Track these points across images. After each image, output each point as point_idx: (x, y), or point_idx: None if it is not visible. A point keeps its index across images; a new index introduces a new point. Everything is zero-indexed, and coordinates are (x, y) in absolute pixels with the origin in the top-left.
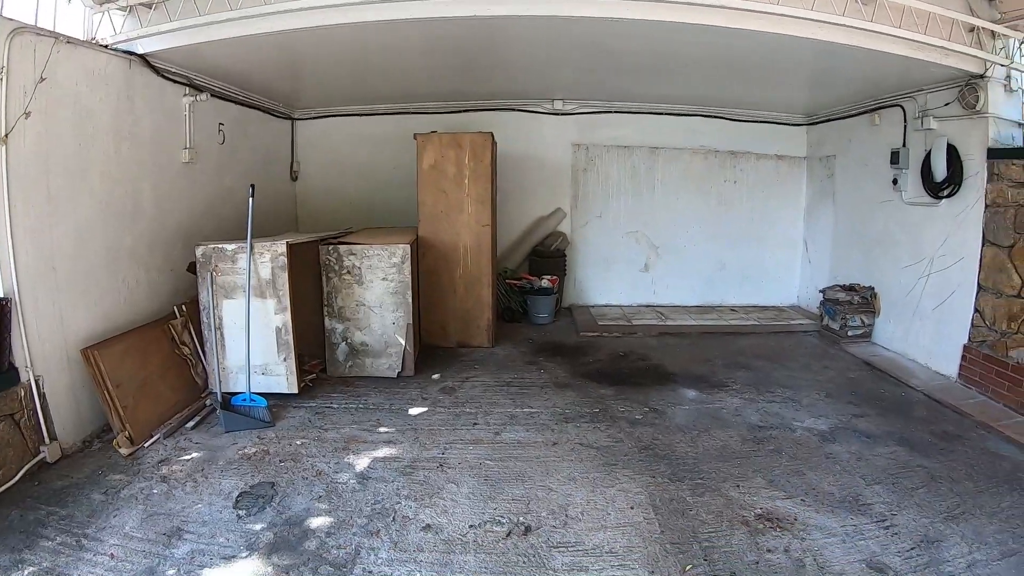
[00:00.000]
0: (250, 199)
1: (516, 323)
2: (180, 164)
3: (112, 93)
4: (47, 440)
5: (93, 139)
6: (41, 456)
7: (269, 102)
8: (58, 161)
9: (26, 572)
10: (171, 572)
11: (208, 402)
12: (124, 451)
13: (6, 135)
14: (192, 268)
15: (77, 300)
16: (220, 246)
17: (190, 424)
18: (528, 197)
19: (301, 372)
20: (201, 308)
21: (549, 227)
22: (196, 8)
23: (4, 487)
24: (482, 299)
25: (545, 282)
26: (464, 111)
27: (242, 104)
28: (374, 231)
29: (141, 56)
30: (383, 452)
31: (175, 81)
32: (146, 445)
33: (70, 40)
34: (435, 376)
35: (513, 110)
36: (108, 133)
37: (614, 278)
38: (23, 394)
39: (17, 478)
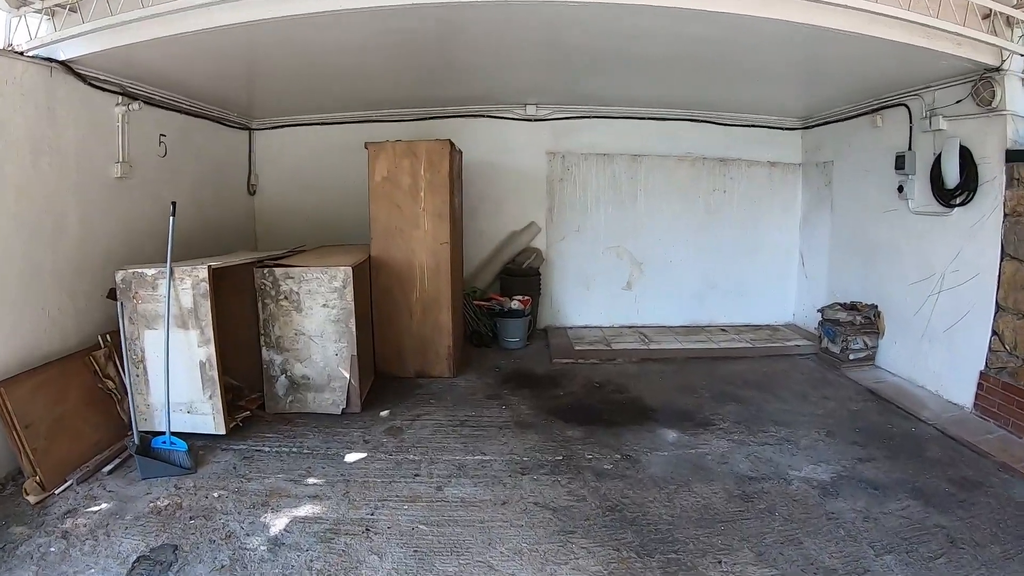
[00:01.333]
0: (171, 217)
1: (485, 348)
2: (111, 179)
3: (29, 103)
4: None
5: (6, 153)
6: None
7: (221, 111)
8: None
9: None
10: None
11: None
12: (32, 499)
13: None
14: (112, 295)
15: None
16: (140, 271)
17: (108, 468)
18: (500, 210)
19: (234, 409)
20: (122, 339)
21: (522, 243)
22: (109, 8)
23: None
24: (441, 324)
25: (516, 303)
26: (431, 118)
27: (188, 113)
28: (327, 249)
29: (63, 63)
30: (305, 510)
31: (104, 89)
32: (56, 492)
33: None
34: (383, 413)
35: (483, 116)
36: (24, 146)
37: (594, 297)
38: None
39: None
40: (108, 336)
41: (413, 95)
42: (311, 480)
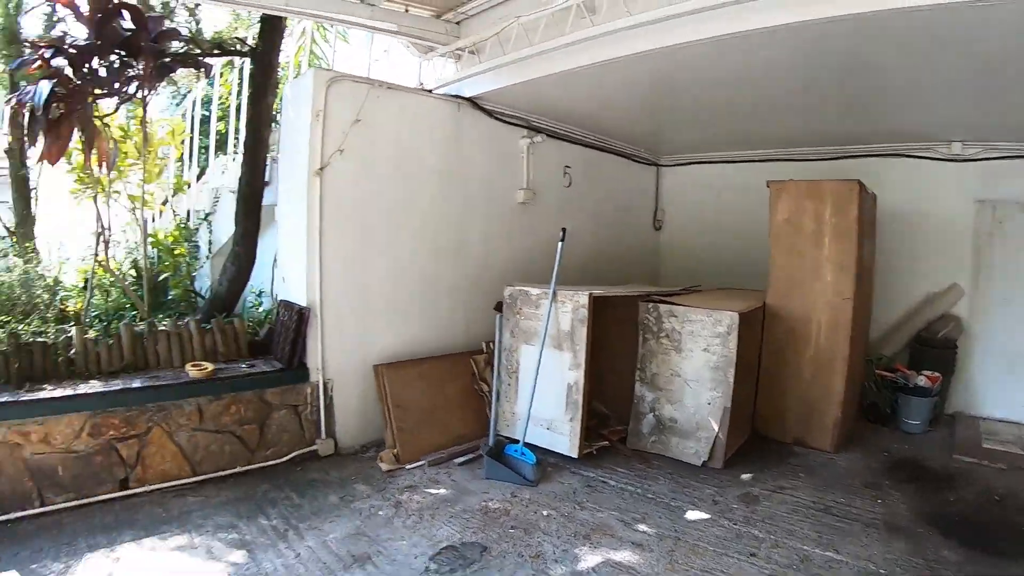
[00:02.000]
0: (559, 243)
1: (879, 425)
2: (514, 204)
3: (438, 134)
4: (323, 436)
5: (415, 178)
6: (313, 447)
7: (629, 147)
8: (374, 195)
9: (229, 536)
10: None
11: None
12: (384, 466)
13: (321, 168)
14: (499, 307)
15: (385, 322)
16: (526, 289)
17: (460, 460)
18: (914, 267)
19: (593, 436)
20: (501, 349)
21: (940, 308)
22: (501, 49)
23: (271, 463)
24: (832, 389)
25: (923, 379)
26: (837, 158)
27: (594, 147)
28: (722, 292)
29: (469, 99)
30: (621, 556)
31: (509, 123)
32: (407, 467)
33: (391, 86)
34: (745, 476)
35: (897, 155)
36: (432, 171)
37: (1019, 385)
38: (309, 391)
39: (285, 459)
40: (491, 344)
41: (818, 131)
42: (641, 527)
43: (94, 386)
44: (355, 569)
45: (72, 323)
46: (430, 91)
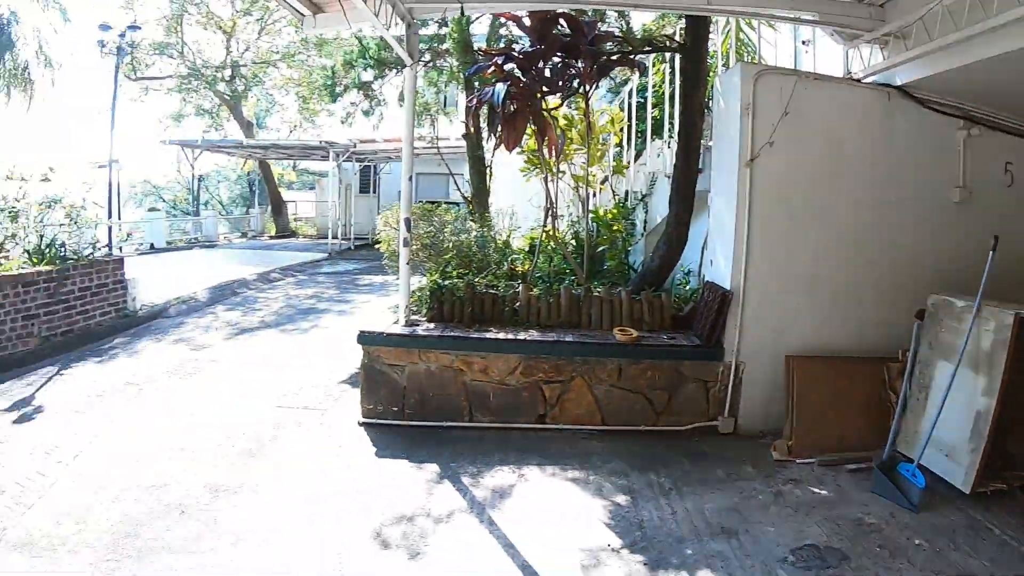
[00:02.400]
0: (991, 252)
1: None
2: (949, 203)
3: (866, 125)
4: (725, 414)
5: (841, 169)
6: (714, 423)
7: None
8: (801, 187)
9: (619, 481)
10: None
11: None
12: (776, 455)
13: (751, 160)
14: (920, 315)
15: (802, 314)
16: (950, 300)
17: (850, 466)
18: None
19: (992, 475)
20: (916, 361)
21: None
22: (927, 33)
23: (673, 428)
24: None
25: None
26: None
27: None
28: None
29: (899, 88)
30: None
31: (944, 113)
32: (798, 461)
33: (818, 77)
34: None
35: None
36: (860, 164)
37: None
38: (721, 370)
39: (686, 428)
40: (907, 353)
41: None
42: None
43: (532, 335)
44: (720, 539)
45: (519, 281)
46: (857, 80)
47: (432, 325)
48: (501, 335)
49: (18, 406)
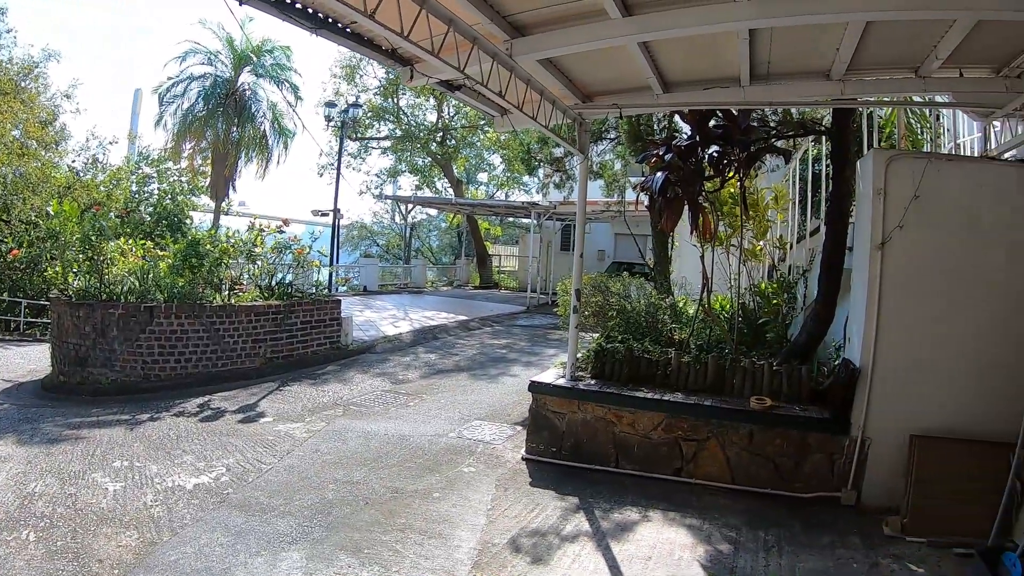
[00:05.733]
0: None
1: None
2: None
3: (1002, 202)
4: (848, 487)
5: (976, 249)
6: (837, 494)
7: None
8: (932, 269)
9: (728, 533)
10: None
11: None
12: (887, 531)
13: (882, 243)
14: None
15: (926, 392)
16: None
17: (959, 550)
18: None
19: None
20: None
21: None
22: None
23: (796, 495)
24: None
25: None
26: None
27: None
28: None
29: None
30: None
31: None
32: (908, 539)
33: (951, 158)
34: None
35: None
36: (996, 243)
37: None
38: (847, 444)
39: (809, 495)
40: None
41: None
42: None
43: (677, 396)
44: None
45: (675, 348)
46: (993, 157)
47: (593, 381)
48: (650, 395)
49: (244, 410)
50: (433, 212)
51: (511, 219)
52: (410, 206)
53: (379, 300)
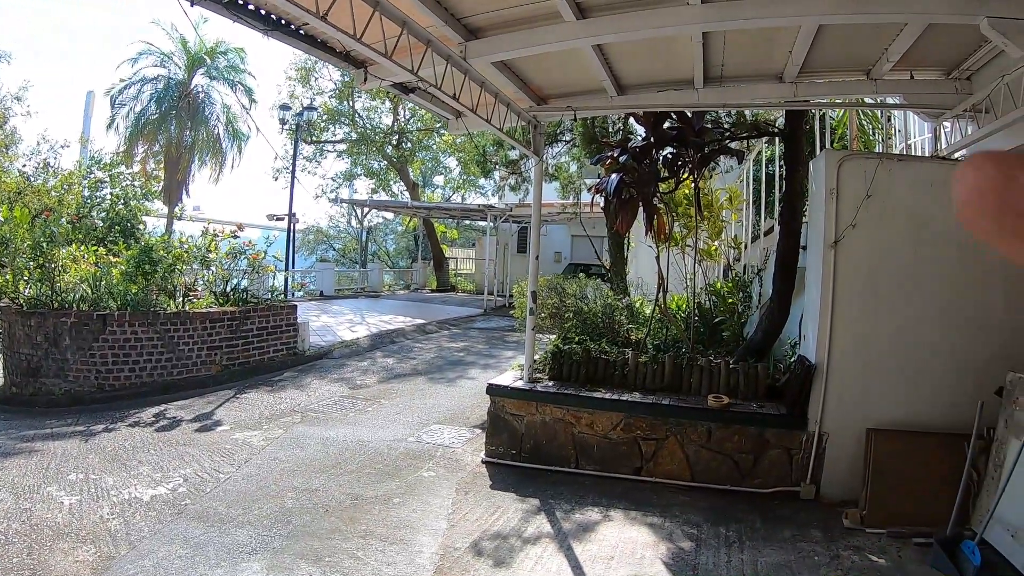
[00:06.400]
0: None
1: None
2: None
3: (951, 201)
4: (807, 481)
5: (926, 246)
6: (795, 489)
7: None
8: (884, 266)
9: (690, 530)
10: None
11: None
12: (847, 523)
13: (836, 242)
14: (1000, 392)
15: (884, 388)
16: None
17: (918, 539)
18: None
19: None
20: (994, 438)
21: None
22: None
23: (755, 491)
24: None
25: None
26: None
27: None
28: None
29: None
30: None
31: None
32: (867, 531)
33: (901, 158)
34: None
35: None
36: (945, 240)
37: None
38: (805, 439)
39: (767, 491)
40: (992, 431)
41: None
42: None
43: (635, 396)
44: None
45: (632, 348)
46: (944, 157)
47: (551, 383)
48: (607, 395)
49: (200, 419)
50: (389, 216)
51: (467, 222)
52: (366, 210)
53: (336, 305)
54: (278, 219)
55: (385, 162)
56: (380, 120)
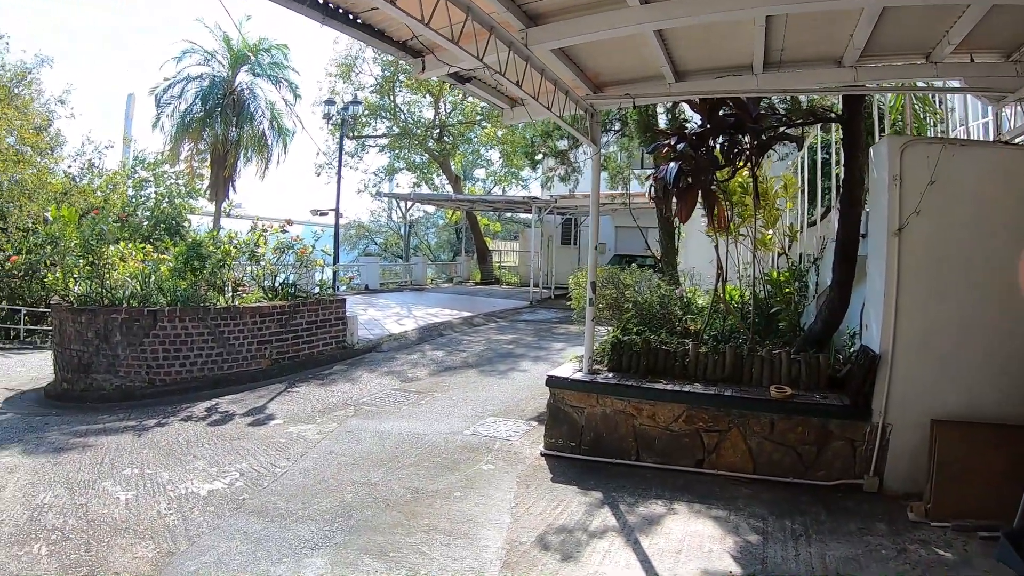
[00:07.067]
0: None
1: None
2: None
3: (1016, 185)
4: (870, 473)
5: (991, 232)
6: (859, 481)
7: None
8: (949, 253)
9: (756, 523)
10: None
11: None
12: (912, 516)
13: (899, 229)
14: None
15: (951, 379)
16: None
17: (984, 533)
18: None
19: None
20: None
21: None
22: None
23: (818, 483)
24: None
25: None
26: None
27: None
28: None
29: None
30: None
31: None
32: (932, 524)
33: (964, 143)
34: None
35: None
36: (1011, 225)
37: None
38: (868, 431)
39: (831, 483)
40: None
41: None
42: None
43: (696, 388)
44: None
45: (691, 339)
46: (1006, 142)
47: (611, 374)
48: (669, 386)
49: (252, 413)
50: (430, 209)
51: (508, 214)
52: (408, 204)
53: (381, 298)
54: (321, 214)
55: (427, 156)
56: (421, 114)
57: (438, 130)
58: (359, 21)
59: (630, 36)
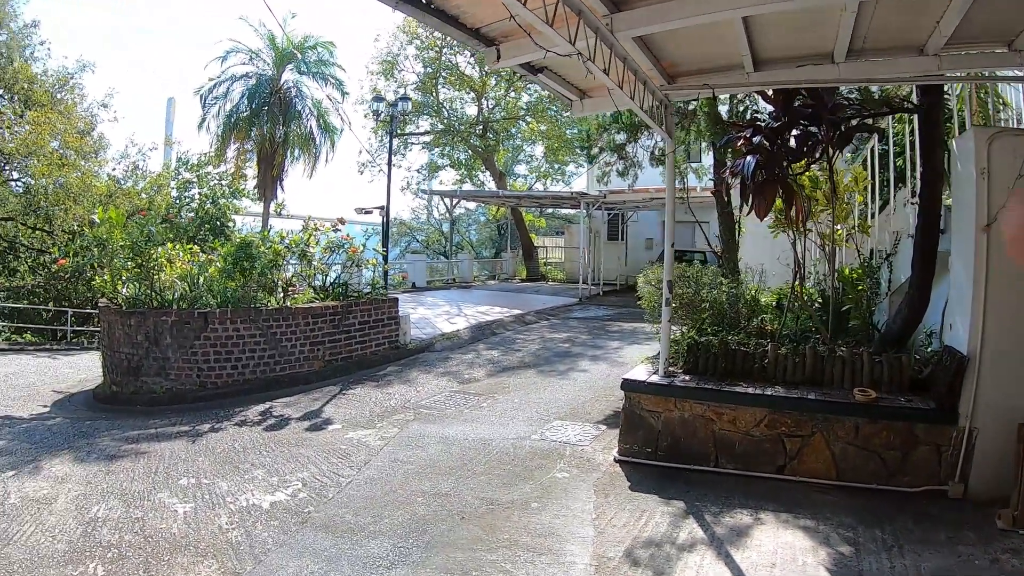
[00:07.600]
0: None
1: None
2: None
3: None
4: (956, 479)
5: None
6: (943, 487)
7: None
8: None
9: (846, 533)
10: None
11: None
12: (1000, 524)
13: (988, 225)
14: None
15: None
16: None
17: None
18: None
19: None
20: None
21: None
22: None
23: (903, 489)
24: None
25: None
26: None
27: None
28: None
29: None
30: None
31: None
32: (1021, 532)
33: None
34: None
35: None
36: None
37: None
38: (955, 435)
39: (916, 489)
40: None
41: None
42: None
43: (778, 391)
44: None
45: (768, 339)
46: None
47: (687, 377)
48: (750, 390)
49: (309, 416)
50: (472, 206)
51: (551, 210)
52: (453, 201)
53: (430, 296)
54: (366, 212)
55: (471, 152)
56: (464, 111)
57: (481, 126)
58: (432, 6)
59: (713, 23)
